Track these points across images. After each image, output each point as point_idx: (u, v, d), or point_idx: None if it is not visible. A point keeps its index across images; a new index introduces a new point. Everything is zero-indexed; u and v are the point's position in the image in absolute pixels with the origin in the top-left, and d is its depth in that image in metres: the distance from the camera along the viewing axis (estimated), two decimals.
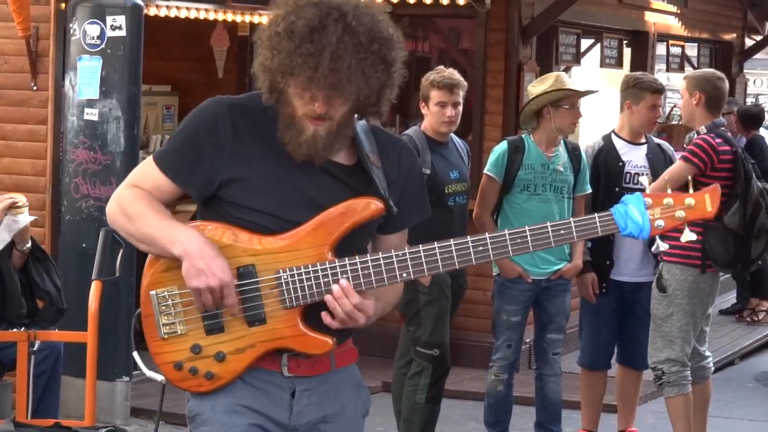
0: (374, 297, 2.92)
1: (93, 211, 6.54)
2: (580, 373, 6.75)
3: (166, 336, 2.89)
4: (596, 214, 2.90)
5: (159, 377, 3.04)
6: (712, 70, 7.94)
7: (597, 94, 7.35)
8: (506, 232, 2.86)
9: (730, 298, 11.00)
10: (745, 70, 12.65)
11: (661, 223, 2.81)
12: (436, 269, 2.87)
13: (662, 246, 3.19)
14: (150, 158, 2.95)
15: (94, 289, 5.16)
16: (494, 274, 6.53)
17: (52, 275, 6.22)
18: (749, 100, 12.29)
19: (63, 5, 7.07)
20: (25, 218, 6.09)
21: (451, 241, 2.85)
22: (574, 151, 6.42)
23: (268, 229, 2.84)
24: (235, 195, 2.84)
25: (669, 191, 2.93)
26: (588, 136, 7.75)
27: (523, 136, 6.49)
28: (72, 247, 6.68)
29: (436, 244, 2.85)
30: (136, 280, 5.60)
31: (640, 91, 6.42)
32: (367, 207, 2.84)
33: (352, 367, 3.08)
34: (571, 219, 2.90)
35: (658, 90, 6.55)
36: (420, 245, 2.88)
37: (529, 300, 6.42)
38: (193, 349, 2.87)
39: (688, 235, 3.02)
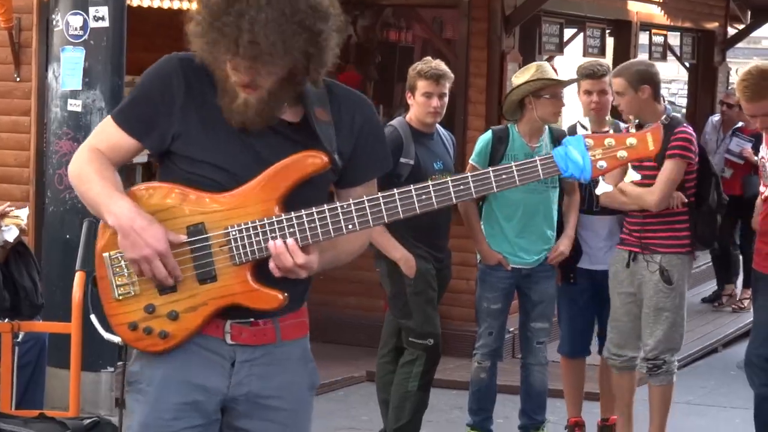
0: (321, 249, 2.93)
1: (77, 202, 6.62)
2: (561, 362, 6.83)
3: (120, 297, 2.94)
4: (537, 157, 2.92)
5: (116, 339, 3.08)
6: (638, 59, 7.88)
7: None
8: (449, 179, 2.90)
9: (711, 287, 11.04)
10: (727, 59, 12.69)
11: (603, 163, 2.83)
12: (381, 220, 2.92)
13: (606, 188, 3.12)
14: (108, 116, 3.01)
15: (78, 279, 5.20)
16: (477, 261, 6.63)
17: (30, 270, 6.25)
18: (731, 88, 12.25)
19: None
20: (11, 234, 6.09)
21: (395, 191, 2.88)
22: (559, 139, 6.58)
23: (218, 184, 2.87)
24: (185, 148, 2.89)
25: (611, 131, 2.98)
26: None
27: (508, 125, 6.56)
28: (55, 238, 6.72)
29: (379, 195, 2.89)
30: None
31: (578, 76, 6.56)
32: (312, 160, 2.88)
33: (301, 341, 3.10)
34: (513, 164, 2.92)
35: (587, 75, 6.50)
36: (365, 197, 2.89)
37: (509, 288, 6.47)
38: (146, 309, 2.91)
39: (632, 175, 3.04)
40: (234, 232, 2.89)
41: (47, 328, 5.78)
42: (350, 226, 2.90)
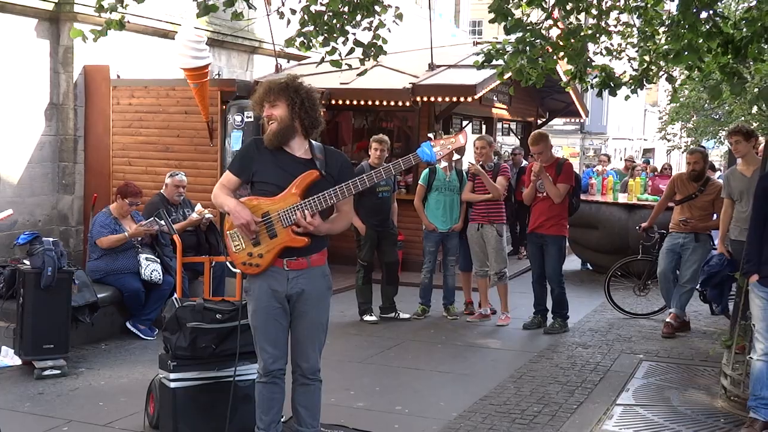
0: (326, 220, 3.69)
1: None
2: (460, 273, 8.14)
3: (236, 250, 3.62)
4: (411, 155, 3.73)
5: (237, 270, 3.82)
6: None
7: (468, 145, 7.53)
8: (372, 172, 3.87)
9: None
10: None
11: (441, 153, 3.70)
12: (341, 197, 3.69)
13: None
14: (227, 170, 3.74)
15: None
16: (423, 228, 7.89)
17: (216, 234, 7.45)
18: None
19: (224, 107, 8.30)
20: (208, 216, 7.24)
21: (342, 185, 3.66)
22: (459, 173, 7.75)
23: (273, 192, 3.55)
24: (259, 178, 3.63)
25: (450, 139, 3.83)
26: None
27: (436, 165, 7.77)
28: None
29: (334, 188, 3.74)
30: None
31: (473, 142, 7.73)
32: (312, 174, 3.62)
33: (323, 266, 3.74)
34: (400, 159, 3.78)
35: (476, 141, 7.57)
36: (331, 189, 3.68)
37: (438, 240, 7.80)
38: (248, 255, 3.64)
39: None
40: (281, 214, 3.52)
41: (223, 259, 6.76)
42: (330, 202, 3.63)
